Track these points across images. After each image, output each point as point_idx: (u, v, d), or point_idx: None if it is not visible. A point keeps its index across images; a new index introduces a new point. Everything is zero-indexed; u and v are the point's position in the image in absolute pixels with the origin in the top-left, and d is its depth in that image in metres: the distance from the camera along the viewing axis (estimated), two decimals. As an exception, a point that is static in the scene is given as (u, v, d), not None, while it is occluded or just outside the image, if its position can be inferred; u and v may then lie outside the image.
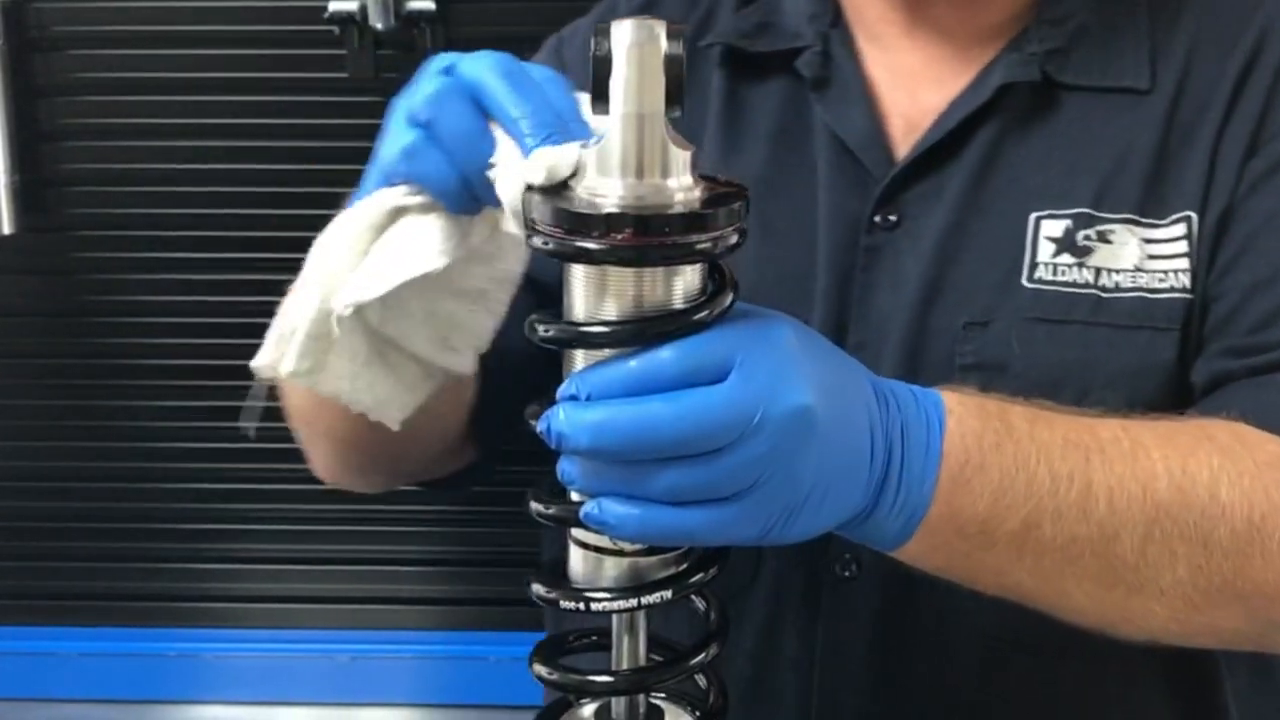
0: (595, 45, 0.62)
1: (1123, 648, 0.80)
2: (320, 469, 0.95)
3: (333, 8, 1.58)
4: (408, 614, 1.79)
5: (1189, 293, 0.88)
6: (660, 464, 0.62)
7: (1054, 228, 0.90)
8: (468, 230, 0.72)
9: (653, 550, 0.67)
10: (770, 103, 0.98)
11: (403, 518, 1.75)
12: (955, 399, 0.73)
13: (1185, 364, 0.88)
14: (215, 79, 1.64)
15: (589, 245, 0.61)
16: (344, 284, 0.71)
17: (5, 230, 1.63)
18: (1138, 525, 0.73)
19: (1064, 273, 0.89)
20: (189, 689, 1.80)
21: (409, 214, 0.71)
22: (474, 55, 0.69)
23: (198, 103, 1.65)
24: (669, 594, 0.66)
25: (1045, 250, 0.89)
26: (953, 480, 0.70)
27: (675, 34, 0.62)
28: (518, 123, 0.66)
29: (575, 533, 0.68)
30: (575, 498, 0.66)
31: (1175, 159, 0.90)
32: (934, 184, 0.92)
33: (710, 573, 0.68)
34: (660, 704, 0.72)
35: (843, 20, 0.98)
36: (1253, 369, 0.85)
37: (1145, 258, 0.89)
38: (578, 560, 0.68)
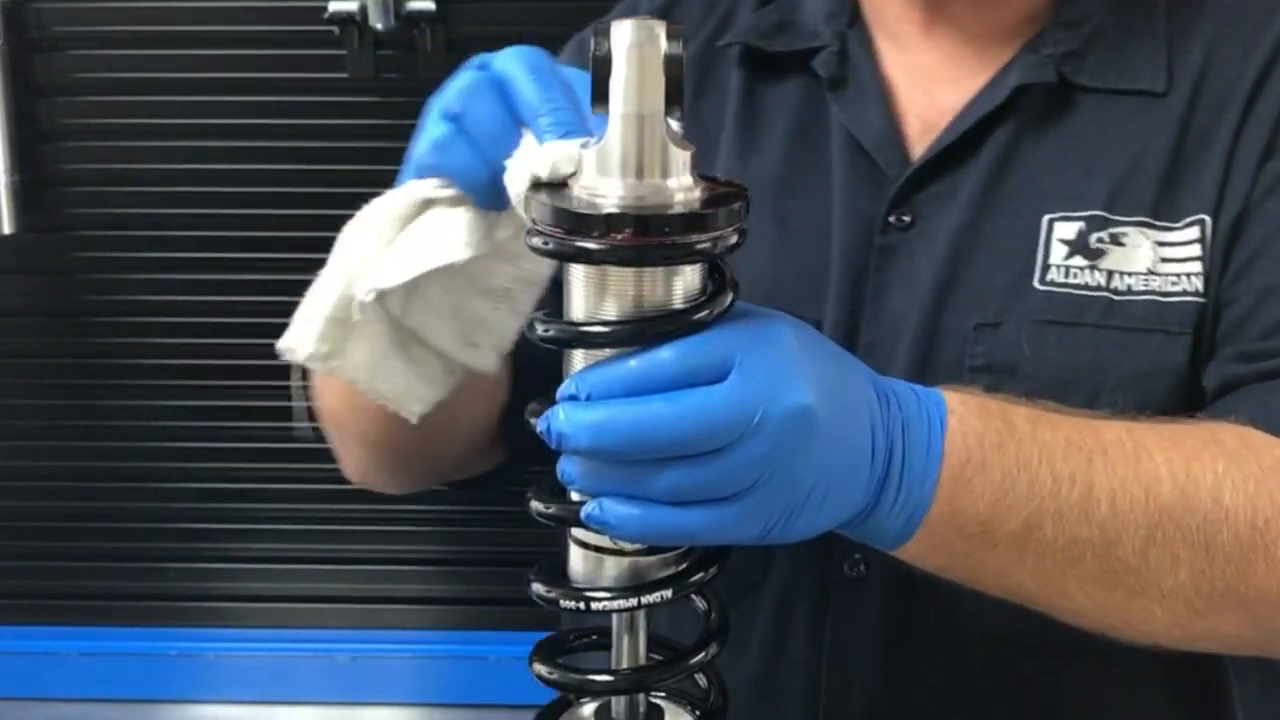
0: (595, 45, 0.62)
1: (1128, 651, 0.79)
2: (351, 470, 0.95)
3: (333, 8, 1.58)
4: (408, 614, 1.79)
5: (1202, 296, 0.88)
6: (661, 464, 0.62)
7: (1067, 230, 0.89)
8: (494, 225, 0.72)
9: (653, 550, 0.67)
10: (787, 102, 0.98)
11: (403, 518, 1.75)
12: (957, 398, 0.73)
13: (1197, 368, 0.88)
14: (215, 79, 1.64)
15: (589, 245, 0.61)
16: (368, 271, 0.71)
17: (5, 230, 1.63)
18: (1140, 528, 0.73)
19: (1076, 275, 0.89)
20: (189, 689, 1.80)
21: (437, 206, 0.72)
22: (508, 50, 0.70)
23: (198, 103, 1.65)
24: (669, 593, 0.66)
25: (1058, 252, 0.89)
26: (954, 480, 0.70)
27: (675, 34, 0.61)
28: (537, 117, 0.66)
29: (575, 532, 0.67)
30: (575, 497, 0.66)
31: (1190, 162, 0.90)
32: (948, 185, 0.92)
33: (710, 572, 0.68)
34: (660, 703, 0.72)
35: (861, 19, 0.98)
36: (1263, 374, 0.84)
37: (1158, 261, 0.88)
38: (578, 560, 0.68)
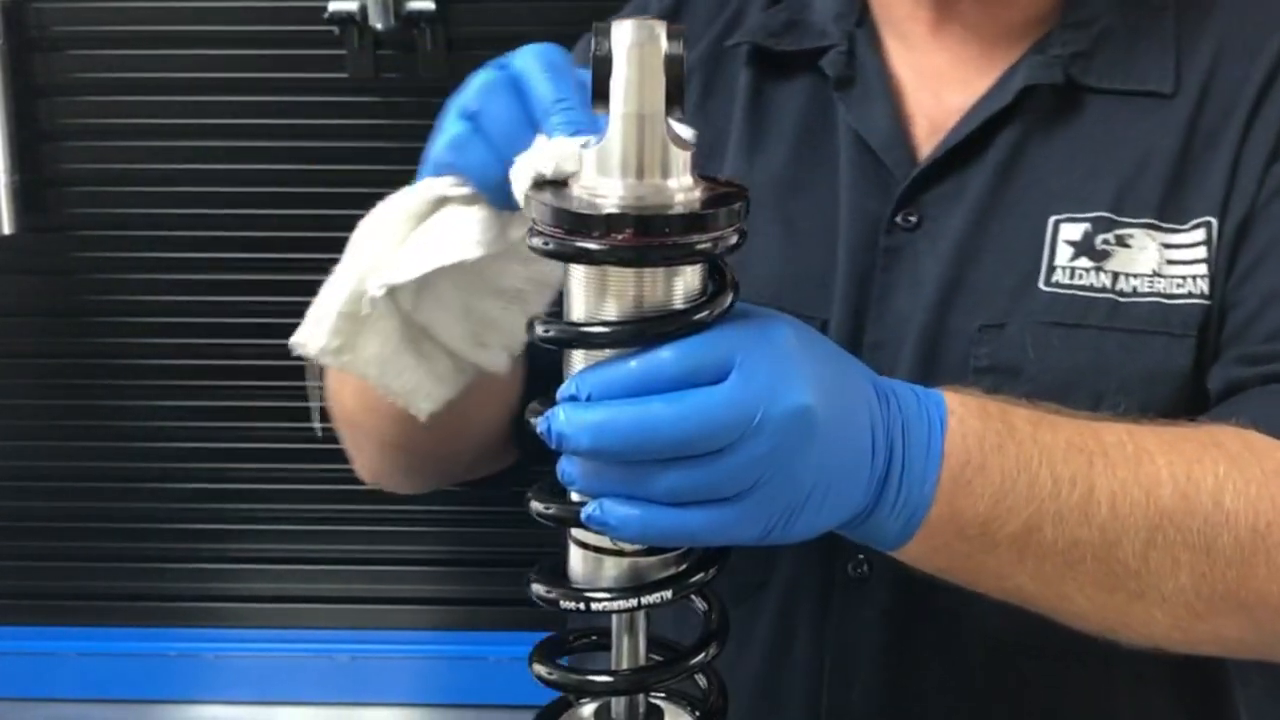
0: (595, 45, 0.62)
1: (1130, 653, 0.79)
2: (364, 470, 0.95)
3: (333, 8, 1.57)
4: (408, 614, 1.78)
5: (1207, 299, 0.88)
6: (661, 465, 0.62)
7: (1073, 231, 0.89)
8: (508, 225, 0.72)
9: (653, 550, 0.67)
10: (795, 101, 0.98)
11: (403, 518, 1.75)
12: (957, 399, 0.72)
13: (1201, 370, 0.87)
14: (215, 79, 1.64)
15: (589, 245, 0.61)
16: (380, 267, 0.72)
17: (5, 230, 1.63)
18: (1140, 530, 0.73)
19: (1081, 276, 0.88)
20: (189, 689, 1.79)
21: (452, 204, 0.72)
22: (526, 48, 0.70)
23: (198, 103, 1.65)
24: (669, 594, 0.66)
25: (1063, 254, 0.89)
26: (953, 480, 0.70)
27: (676, 34, 0.61)
28: (549, 116, 0.66)
29: (575, 533, 0.67)
30: (575, 498, 0.66)
31: (1197, 164, 0.89)
32: (955, 185, 0.92)
33: (710, 573, 0.68)
34: (660, 704, 0.72)
35: (869, 19, 0.98)
36: (1266, 377, 0.84)
37: (1164, 263, 0.88)
38: (578, 560, 0.68)
